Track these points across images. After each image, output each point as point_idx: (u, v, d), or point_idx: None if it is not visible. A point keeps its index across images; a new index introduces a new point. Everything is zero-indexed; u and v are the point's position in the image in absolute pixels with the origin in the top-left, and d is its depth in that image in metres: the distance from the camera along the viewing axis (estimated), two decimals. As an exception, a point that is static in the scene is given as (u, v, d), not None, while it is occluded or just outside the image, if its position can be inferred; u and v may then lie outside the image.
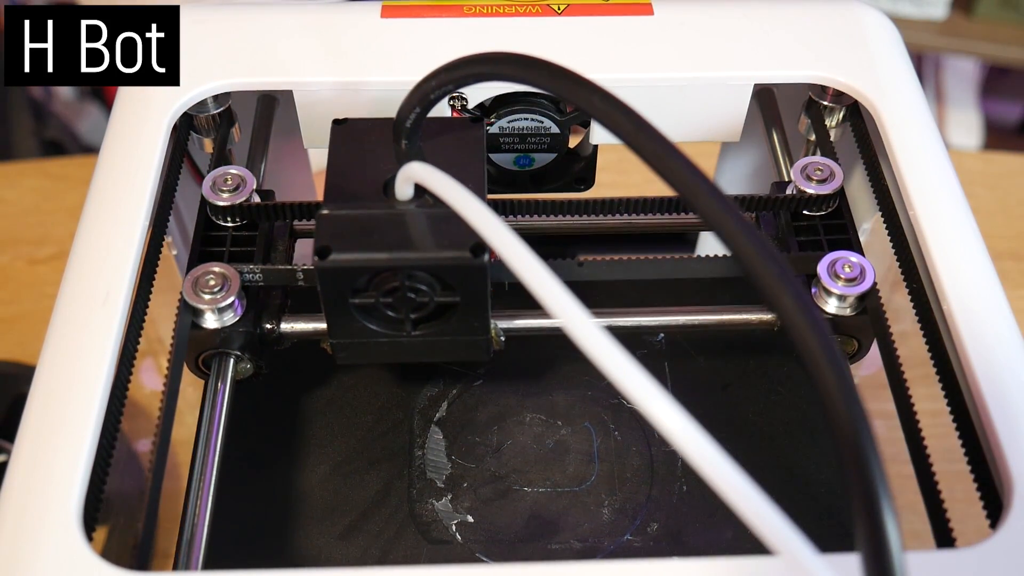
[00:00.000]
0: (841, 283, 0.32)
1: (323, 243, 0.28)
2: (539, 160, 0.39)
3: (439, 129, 0.31)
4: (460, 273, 0.29)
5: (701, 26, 0.37)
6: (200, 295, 0.31)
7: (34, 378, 0.28)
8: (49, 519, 0.25)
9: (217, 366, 0.32)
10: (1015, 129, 1.47)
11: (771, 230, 0.36)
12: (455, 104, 0.36)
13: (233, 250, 0.34)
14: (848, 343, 0.33)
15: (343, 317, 0.30)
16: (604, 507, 0.33)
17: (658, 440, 0.35)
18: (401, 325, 0.30)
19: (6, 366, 0.56)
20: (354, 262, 0.28)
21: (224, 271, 0.31)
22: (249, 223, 0.34)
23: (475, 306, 0.30)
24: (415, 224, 0.29)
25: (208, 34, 0.37)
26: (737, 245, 0.21)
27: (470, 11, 0.37)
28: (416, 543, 0.32)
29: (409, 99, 0.28)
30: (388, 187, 0.29)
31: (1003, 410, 0.27)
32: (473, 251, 0.28)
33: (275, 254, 0.35)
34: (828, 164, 0.35)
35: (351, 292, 0.29)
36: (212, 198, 0.34)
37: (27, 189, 0.69)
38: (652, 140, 0.24)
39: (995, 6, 1.27)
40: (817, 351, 0.20)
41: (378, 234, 0.28)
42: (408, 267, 0.28)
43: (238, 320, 0.31)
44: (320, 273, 0.28)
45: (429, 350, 0.31)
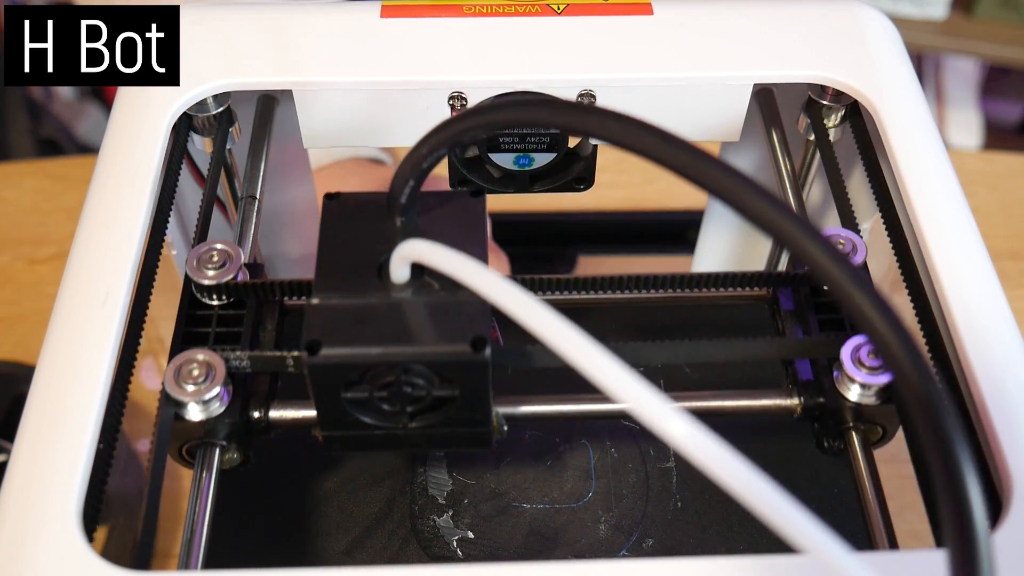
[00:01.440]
0: (865, 371, 0.29)
1: (313, 337, 0.26)
2: (539, 160, 0.39)
3: (437, 203, 0.29)
4: (460, 368, 0.27)
5: (701, 26, 0.37)
6: (183, 387, 0.29)
7: (34, 378, 0.28)
8: (49, 519, 0.25)
9: (202, 456, 0.30)
10: (1015, 129, 1.47)
11: (790, 306, 0.34)
12: (455, 104, 0.36)
13: (219, 331, 0.31)
14: (872, 430, 0.31)
15: (335, 410, 0.28)
16: (601, 523, 0.33)
17: (653, 457, 0.35)
18: (397, 417, 0.28)
19: (6, 366, 0.56)
20: (346, 358, 0.27)
21: (208, 359, 0.29)
22: (236, 301, 0.32)
23: (476, 399, 0.28)
24: (411, 314, 0.27)
25: (208, 34, 0.37)
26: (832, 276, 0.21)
27: (470, 11, 0.37)
28: (418, 558, 0.32)
29: (401, 171, 0.27)
30: (383, 269, 0.28)
31: (1003, 410, 0.27)
32: (474, 345, 0.26)
33: (264, 333, 0.33)
34: (850, 237, 0.33)
35: (343, 386, 0.27)
36: (197, 276, 0.31)
37: (27, 189, 0.69)
38: (684, 151, 0.23)
39: (995, 6, 1.27)
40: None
41: (372, 326, 0.27)
42: (403, 362, 0.27)
43: (224, 410, 0.29)
44: (310, 369, 0.27)
45: (427, 441, 0.29)
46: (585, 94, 0.36)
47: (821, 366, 0.31)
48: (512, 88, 0.36)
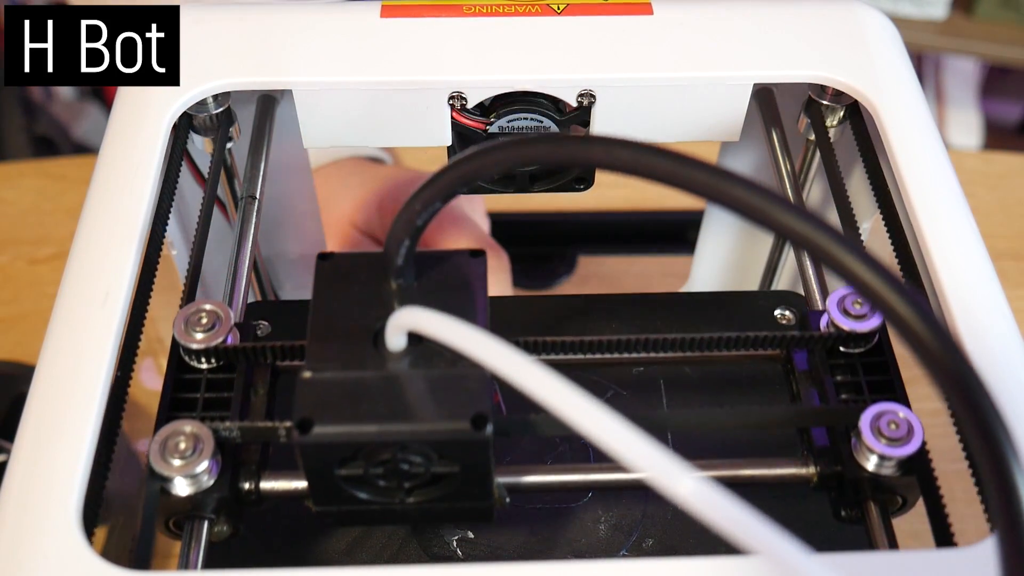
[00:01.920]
0: (885, 442, 0.28)
1: (304, 414, 0.25)
2: (539, 160, 0.39)
3: (435, 263, 0.28)
4: (460, 447, 0.26)
5: (701, 26, 0.37)
6: (169, 461, 0.27)
7: (34, 378, 0.28)
8: (49, 519, 0.25)
9: (190, 530, 0.29)
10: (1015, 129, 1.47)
11: (804, 366, 0.33)
12: (455, 104, 0.36)
13: (208, 396, 0.30)
14: (891, 500, 0.30)
15: (328, 487, 0.27)
16: (600, 523, 0.33)
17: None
18: (394, 493, 0.27)
19: (6, 366, 0.56)
20: (339, 436, 0.25)
21: (196, 431, 0.28)
22: (226, 364, 0.31)
23: (477, 476, 0.27)
24: (409, 388, 0.26)
25: (208, 34, 0.37)
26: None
27: (470, 11, 0.37)
28: (418, 558, 0.32)
29: (394, 231, 0.25)
30: (379, 336, 0.26)
31: (1003, 410, 0.27)
32: (474, 423, 0.25)
33: (255, 397, 0.31)
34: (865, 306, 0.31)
35: (337, 463, 0.26)
36: (185, 340, 0.30)
37: (26, 189, 0.69)
38: (696, 169, 0.22)
39: (995, 6, 1.27)
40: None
41: (367, 401, 0.25)
42: (399, 441, 0.25)
43: (213, 484, 0.28)
44: (301, 448, 0.25)
45: (426, 516, 0.28)
46: (585, 94, 0.36)
47: (838, 432, 0.30)
48: (512, 88, 0.36)
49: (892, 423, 0.28)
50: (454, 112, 0.37)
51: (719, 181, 0.21)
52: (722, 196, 0.21)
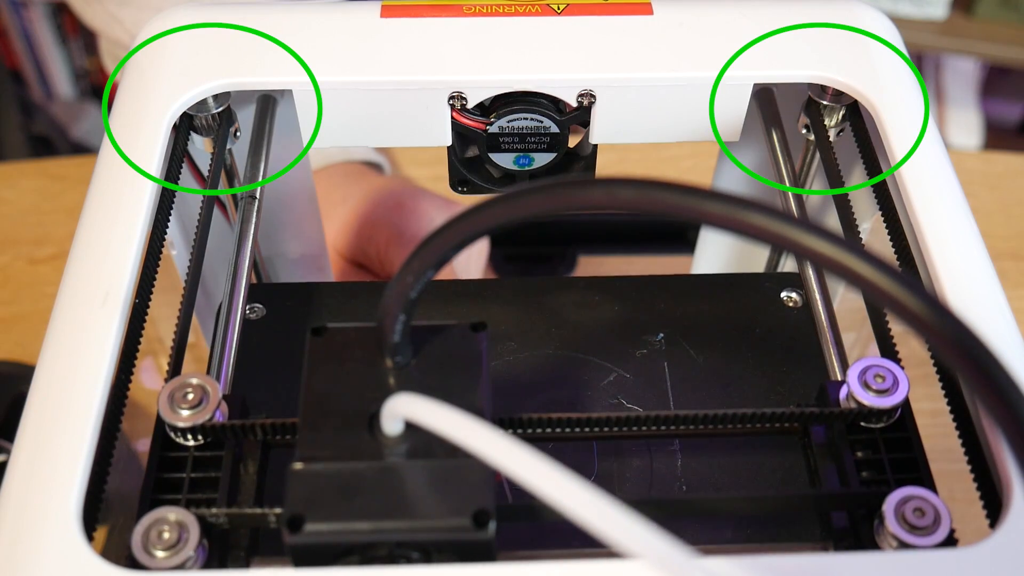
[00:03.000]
0: (909, 532, 0.26)
1: (296, 511, 0.24)
2: (539, 160, 0.39)
3: (433, 337, 0.27)
4: (460, 546, 0.24)
5: (701, 26, 0.37)
6: (152, 553, 0.26)
7: (34, 378, 0.28)
8: (49, 519, 0.25)
9: None
10: (1015, 129, 1.47)
11: (822, 439, 0.31)
12: (455, 104, 0.36)
13: (194, 476, 0.29)
14: None
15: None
16: None
17: (657, 440, 0.35)
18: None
19: (6, 366, 0.56)
20: (332, 535, 0.24)
21: (181, 519, 0.26)
22: (214, 441, 0.29)
23: (479, 561, 0.25)
24: (406, 480, 0.24)
25: (208, 34, 0.37)
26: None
27: (470, 11, 0.37)
28: None
29: (387, 306, 0.24)
30: (374, 421, 0.25)
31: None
32: (476, 519, 0.24)
33: (245, 475, 0.29)
34: (892, 371, 0.30)
35: (331, 559, 0.25)
36: (170, 417, 0.28)
37: (26, 189, 0.69)
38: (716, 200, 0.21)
39: (995, 6, 1.27)
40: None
41: (362, 496, 0.24)
42: (395, 540, 0.24)
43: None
44: (291, 547, 0.24)
45: None
46: (585, 94, 0.36)
47: (860, 514, 0.28)
48: (512, 88, 0.36)
49: (918, 510, 0.26)
50: (454, 112, 0.37)
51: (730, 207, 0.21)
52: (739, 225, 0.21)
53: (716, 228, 0.21)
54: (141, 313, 0.31)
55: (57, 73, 1.47)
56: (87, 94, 1.50)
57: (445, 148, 0.39)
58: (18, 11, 1.41)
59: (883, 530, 0.27)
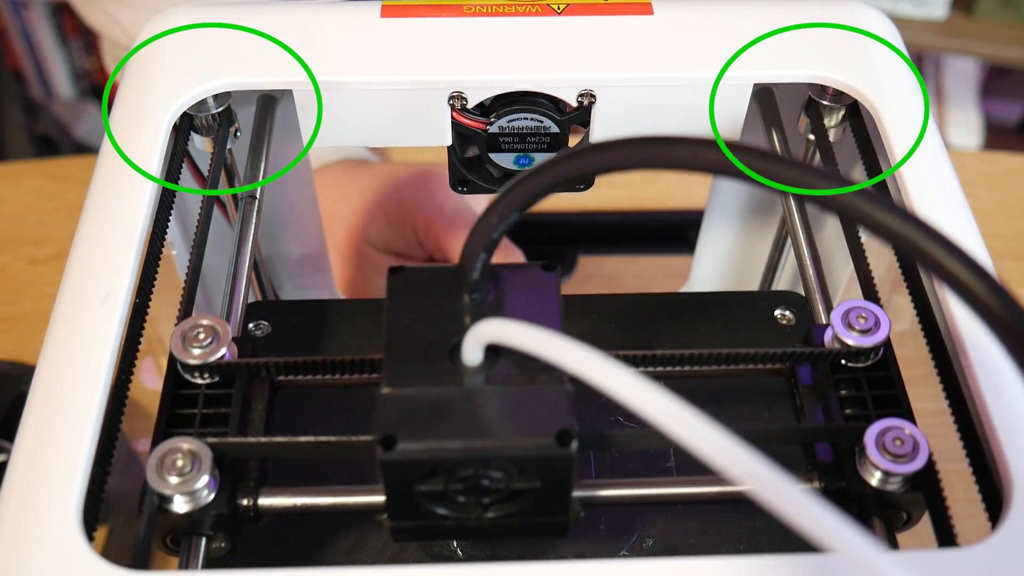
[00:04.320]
0: (890, 459, 0.28)
1: (388, 431, 0.25)
2: (539, 160, 0.39)
3: (506, 277, 0.28)
4: (543, 463, 0.25)
5: (701, 26, 0.37)
6: (166, 479, 0.27)
7: (34, 378, 0.28)
8: (49, 519, 0.25)
9: (188, 546, 0.28)
10: (1015, 129, 1.47)
11: (808, 380, 0.32)
12: (455, 104, 0.36)
13: (205, 412, 0.30)
14: (896, 515, 0.29)
15: (406, 502, 0.27)
16: (601, 523, 0.33)
17: (653, 457, 0.35)
18: (471, 509, 0.27)
19: (6, 366, 0.56)
20: (423, 453, 0.25)
21: (194, 448, 0.27)
22: (224, 380, 0.30)
23: (556, 491, 0.27)
24: (489, 403, 0.26)
25: (208, 34, 0.37)
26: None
27: (470, 10, 0.37)
28: (418, 558, 0.32)
29: (470, 244, 0.25)
30: (455, 351, 0.26)
31: (1003, 410, 0.27)
32: (559, 438, 0.25)
33: (253, 413, 0.31)
34: (873, 312, 0.31)
35: (417, 480, 0.26)
36: (181, 355, 0.29)
37: (26, 189, 0.69)
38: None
39: (995, 6, 1.27)
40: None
41: (448, 418, 0.25)
42: (482, 457, 0.25)
43: (210, 501, 0.27)
44: (384, 465, 0.25)
45: (501, 531, 0.28)
46: (585, 94, 0.36)
47: (843, 447, 0.29)
48: (512, 88, 0.36)
49: (897, 440, 0.28)
50: (454, 112, 0.37)
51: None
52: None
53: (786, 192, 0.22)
54: (141, 313, 0.31)
55: (57, 73, 1.47)
56: (87, 94, 1.50)
57: (445, 148, 0.39)
58: (18, 11, 1.41)
59: (865, 461, 0.28)
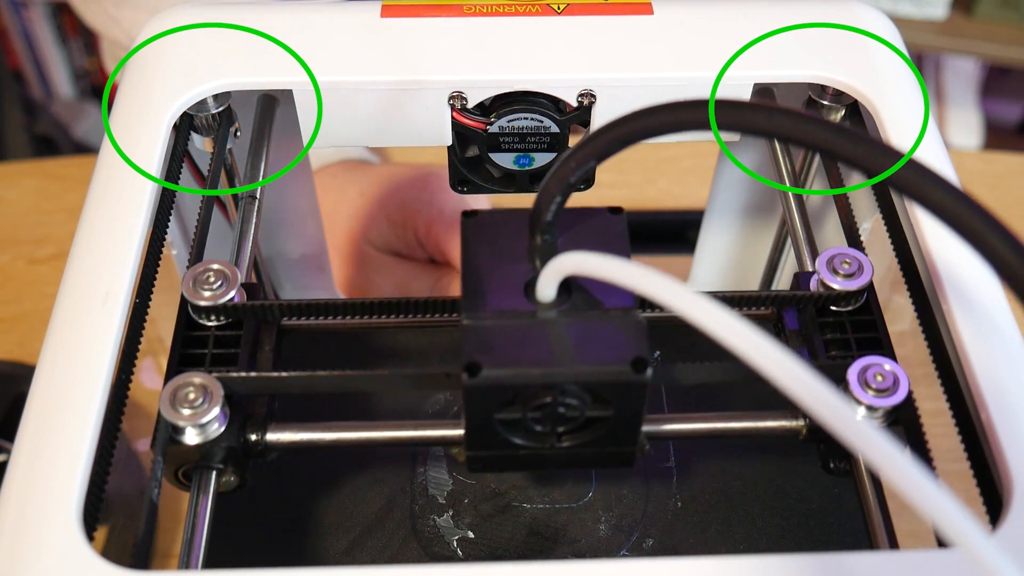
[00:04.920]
0: (872, 393, 0.29)
1: (472, 359, 0.26)
2: (539, 160, 0.39)
3: (575, 221, 0.29)
4: (619, 389, 0.27)
5: (701, 26, 0.37)
6: (179, 411, 0.28)
7: (34, 378, 0.28)
8: (49, 519, 0.25)
9: (198, 480, 0.29)
10: (1015, 129, 1.47)
11: (795, 325, 0.33)
12: (455, 104, 0.36)
13: (216, 352, 0.31)
14: None
15: (484, 431, 0.28)
16: (601, 523, 0.33)
17: (653, 457, 0.35)
18: (545, 438, 0.28)
19: (6, 366, 0.56)
20: (506, 379, 0.26)
21: (205, 382, 0.28)
22: (233, 322, 0.31)
23: (629, 420, 0.28)
24: (567, 334, 0.27)
25: (208, 34, 0.37)
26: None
27: (470, 10, 0.37)
28: (418, 558, 0.32)
29: (547, 187, 0.26)
30: (529, 288, 0.28)
31: (1004, 410, 0.27)
32: (634, 365, 0.26)
33: (261, 354, 0.32)
34: (857, 257, 0.32)
35: (497, 407, 0.27)
36: (193, 297, 0.31)
37: (26, 189, 0.69)
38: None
39: (995, 6, 1.27)
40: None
41: (529, 347, 0.26)
42: (563, 383, 0.26)
43: (221, 434, 0.29)
44: (468, 391, 0.26)
45: (571, 460, 0.29)
46: (585, 94, 0.36)
47: None
48: (512, 88, 0.36)
49: (878, 375, 0.29)
50: (454, 112, 0.37)
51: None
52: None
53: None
54: (141, 313, 0.31)
55: (57, 73, 1.47)
56: (87, 94, 1.50)
57: (445, 148, 0.39)
58: (18, 11, 1.41)
59: (848, 396, 0.29)
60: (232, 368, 0.30)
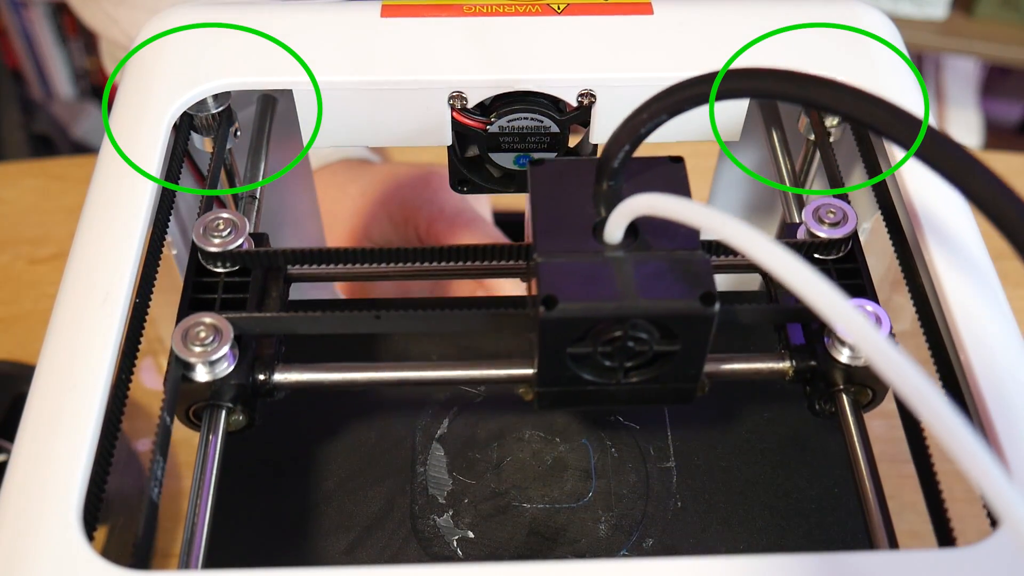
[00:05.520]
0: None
1: (548, 292, 0.27)
2: (539, 160, 0.39)
3: (639, 169, 0.30)
4: (688, 323, 0.27)
5: (701, 26, 0.37)
6: (190, 348, 0.29)
7: (34, 378, 0.28)
8: (49, 519, 0.25)
9: (208, 418, 0.30)
10: (1015, 129, 1.47)
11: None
12: (455, 104, 0.36)
13: (225, 297, 0.32)
14: (862, 392, 0.32)
15: (556, 366, 0.29)
16: (601, 523, 0.33)
17: (654, 456, 0.35)
18: (613, 373, 0.29)
19: (6, 366, 0.56)
20: (581, 312, 0.27)
21: (215, 322, 0.30)
22: (241, 269, 0.33)
23: (694, 354, 0.29)
24: (637, 271, 0.28)
25: (208, 34, 0.37)
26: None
27: (470, 10, 0.37)
28: (418, 558, 0.32)
29: (617, 136, 0.27)
30: (597, 229, 0.29)
31: (1003, 410, 0.27)
32: (703, 300, 0.27)
33: (268, 300, 0.33)
34: (841, 207, 0.34)
35: (570, 342, 0.28)
36: (203, 244, 0.32)
37: (26, 189, 0.69)
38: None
39: (995, 6, 1.27)
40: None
41: (601, 282, 0.27)
42: (635, 317, 0.27)
43: (230, 372, 0.30)
44: (544, 324, 0.27)
45: (635, 397, 0.30)
46: (585, 94, 0.36)
47: (813, 331, 0.32)
48: (512, 88, 0.36)
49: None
50: (454, 112, 0.37)
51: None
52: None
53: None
54: (141, 313, 0.31)
55: (57, 73, 1.47)
56: (87, 94, 1.50)
57: (445, 148, 0.39)
58: (18, 11, 1.41)
59: (833, 340, 0.31)
60: (241, 311, 0.31)
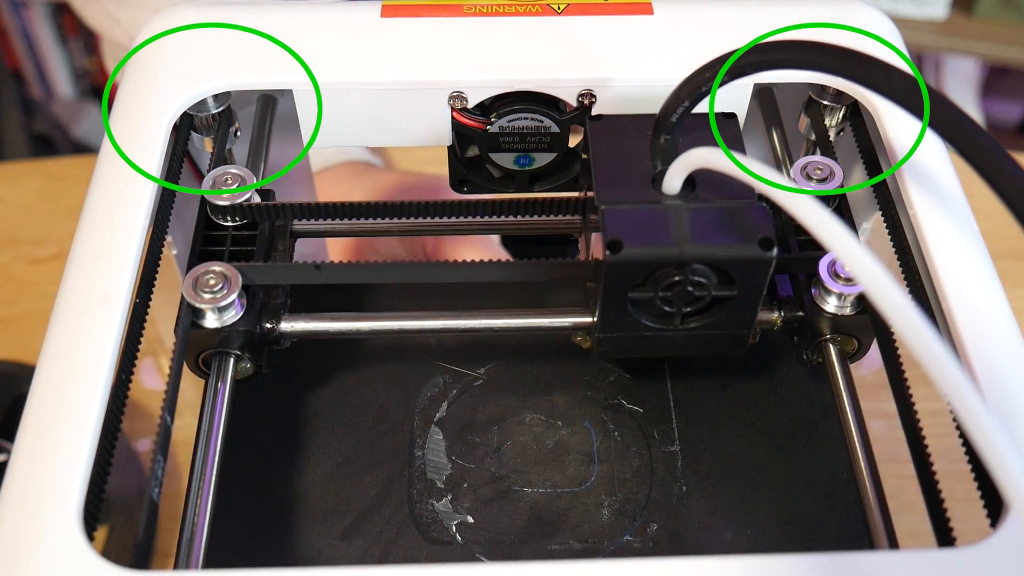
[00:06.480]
0: (841, 282, 0.32)
1: (614, 237, 0.28)
2: (539, 160, 0.39)
3: (694, 126, 0.31)
4: (747, 267, 0.29)
5: (701, 26, 0.37)
6: (200, 294, 0.31)
7: (34, 378, 0.28)
8: (49, 519, 0.25)
9: (217, 366, 0.32)
10: (1015, 129, 1.47)
11: (773, 228, 0.35)
12: (455, 104, 0.36)
13: (233, 249, 0.34)
14: (848, 342, 0.33)
15: (617, 311, 0.30)
16: (604, 508, 0.33)
17: (657, 440, 0.35)
18: (670, 319, 0.30)
19: (6, 366, 0.56)
20: (645, 256, 0.28)
21: (224, 270, 0.31)
22: (249, 223, 0.34)
23: (750, 300, 0.30)
24: (697, 218, 0.29)
25: (208, 34, 0.37)
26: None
27: (470, 10, 0.37)
28: (416, 543, 0.32)
29: (678, 92, 0.28)
30: (656, 180, 0.30)
31: (1004, 409, 0.27)
32: (762, 244, 0.28)
33: (275, 253, 0.35)
34: (828, 164, 0.35)
35: (632, 286, 0.29)
36: (212, 197, 0.34)
37: (26, 189, 0.69)
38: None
39: (995, 6, 1.27)
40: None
41: (662, 229, 0.29)
42: (697, 261, 0.28)
43: (238, 319, 0.31)
44: (609, 267, 0.28)
45: (691, 344, 0.32)
46: (585, 94, 0.36)
47: (800, 283, 0.33)
48: (512, 88, 0.36)
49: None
50: (454, 112, 0.37)
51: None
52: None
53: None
54: (141, 313, 0.31)
55: (57, 73, 1.47)
56: (87, 94, 1.49)
57: (445, 148, 0.39)
58: (18, 11, 1.41)
59: (819, 289, 0.32)
60: (249, 262, 0.32)
